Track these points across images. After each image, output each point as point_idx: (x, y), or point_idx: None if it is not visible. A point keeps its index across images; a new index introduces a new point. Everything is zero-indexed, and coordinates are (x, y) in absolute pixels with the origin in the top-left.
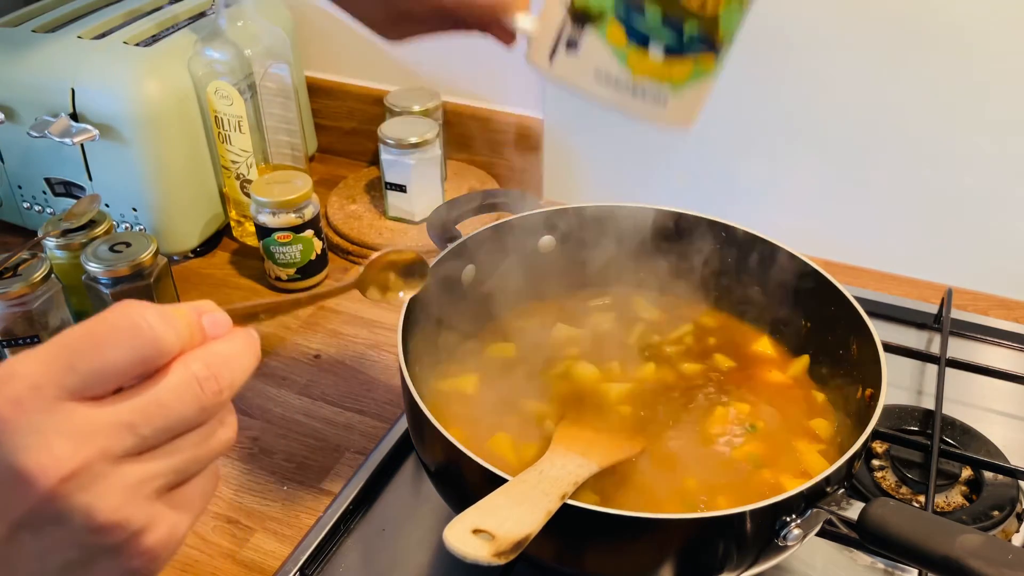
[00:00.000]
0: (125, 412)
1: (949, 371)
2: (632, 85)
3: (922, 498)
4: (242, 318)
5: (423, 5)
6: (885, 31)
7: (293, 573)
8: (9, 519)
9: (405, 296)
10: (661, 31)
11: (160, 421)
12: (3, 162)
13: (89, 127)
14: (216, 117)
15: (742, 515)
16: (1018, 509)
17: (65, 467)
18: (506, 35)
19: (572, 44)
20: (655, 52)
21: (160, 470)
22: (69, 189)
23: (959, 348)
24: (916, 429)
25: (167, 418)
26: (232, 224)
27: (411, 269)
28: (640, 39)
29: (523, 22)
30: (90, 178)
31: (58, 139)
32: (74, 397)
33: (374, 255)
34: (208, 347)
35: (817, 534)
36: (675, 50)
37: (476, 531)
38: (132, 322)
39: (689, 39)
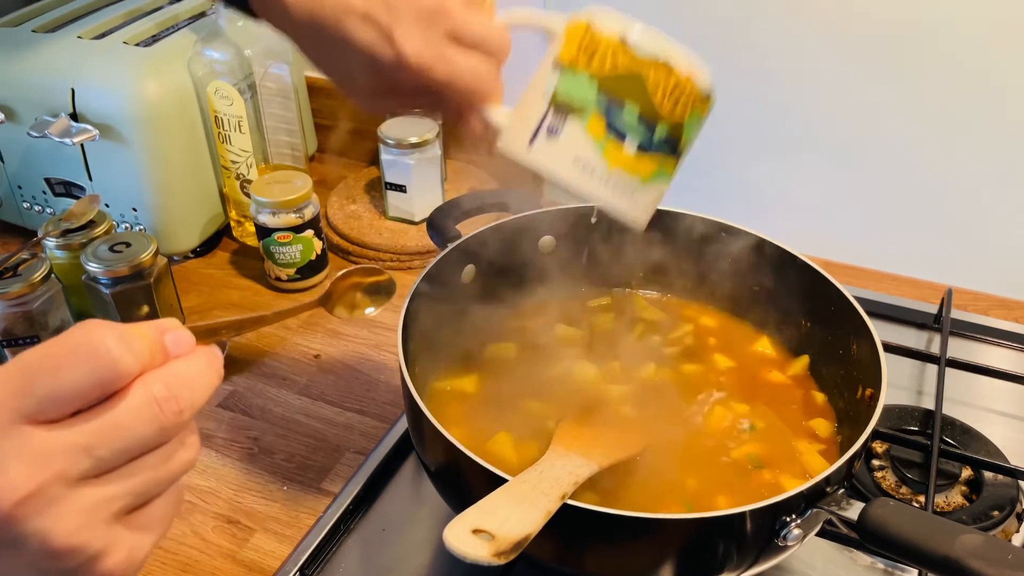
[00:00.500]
0: (82, 434)
1: (949, 371)
2: (606, 175)
3: (922, 498)
4: (205, 335)
5: (413, 79)
6: (886, 33)
7: (293, 573)
8: None
9: (372, 313)
10: (636, 128)
11: (118, 443)
12: (3, 162)
13: (89, 127)
14: (216, 117)
15: (742, 515)
16: (1018, 509)
17: (20, 491)
18: (477, 124)
19: (553, 132)
20: (629, 147)
21: (118, 492)
22: (69, 189)
23: (959, 348)
24: (916, 429)
25: (125, 440)
26: (232, 224)
27: (377, 287)
28: (618, 133)
29: (496, 116)
30: (90, 178)
31: (58, 139)
32: (30, 420)
33: (338, 274)
34: (169, 367)
35: (817, 534)
36: (645, 147)
37: (476, 531)
38: (90, 345)
39: (659, 140)
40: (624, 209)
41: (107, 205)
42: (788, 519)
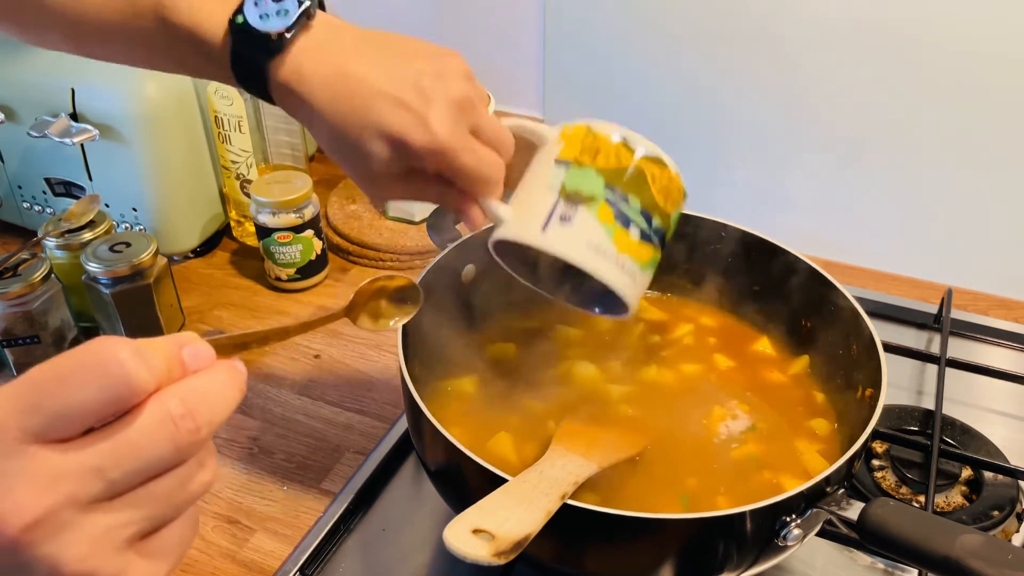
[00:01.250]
0: (93, 455)
1: (949, 371)
2: (616, 258)
3: (922, 498)
4: (227, 349)
5: (436, 164)
6: (886, 32)
7: (293, 573)
8: None
9: (397, 324)
10: (639, 218)
11: (131, 464)
12: (3, 162)
13: (89, 127)
14: (216, 117)
15: (742, 515)
16: (1018, 509)
17: (28, 515)
18: (478, 215)
19: (566, 219)
20: (633, 234)
21: (131, 517)
22: (69, 189)
23: (959, 348)
24: (916, 429)
25: (138, 460)
26: (232, 224)
27: (403, 294)
28: (624, 221)
29: (500, 208)
30: (90, 178)
31: (58, 139)
32: (39, 440)
33: (363, 283)
34: (186, 382)
35: (817, 534)
36: (645, 236)
37: (476, 531)
38: (101, 360)
39: (655, 229)
40: (629, 291)
41: (107, 205)
42: (788, 519)
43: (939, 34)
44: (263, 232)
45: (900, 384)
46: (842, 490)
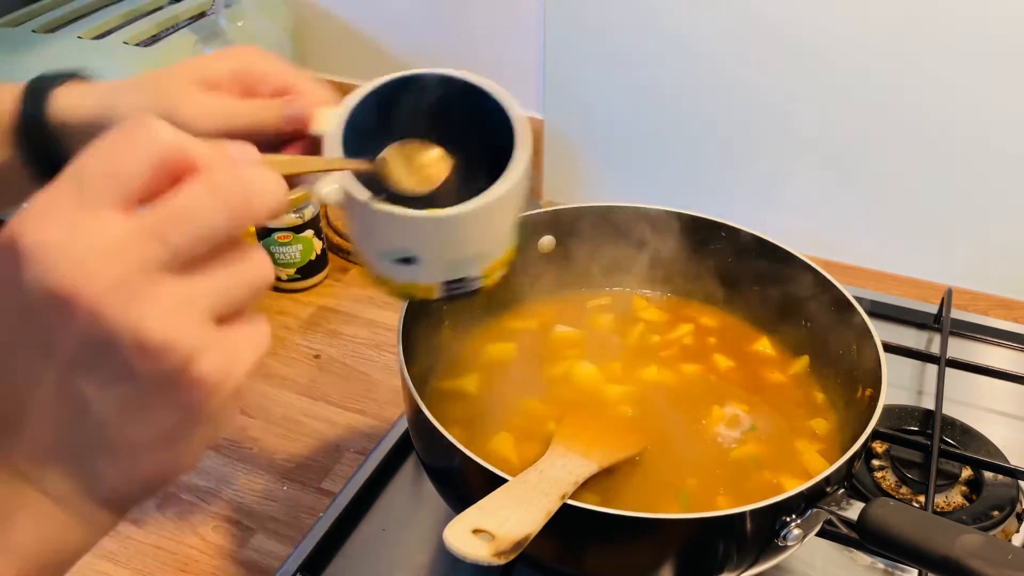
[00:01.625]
0: (151, 220)
1: (949, 371)
2: None
3: (922, 498)
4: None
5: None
6: (886, 31)
7: (293, 573)
8: (61, 358)
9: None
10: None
11: (189, 228)
12: None
13: None
14: None
15: (742, 515)
16: (1018, 509)
17: (101, 281)
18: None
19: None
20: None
21: (201, 290)
22: None
23: (959, 348)
24: (916, 429)
25: (195, 225)
26: None
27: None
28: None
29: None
30: None
31: None
32: (95, 206)
33: (382, 154)
34: (235, 168)
35: (817, 534)
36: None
37: (476, 531)
38: (134, 125)
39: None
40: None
41: None
42: (788, 519)
43: (939, 34)
44: (263, 232)
45: (900, 384)
46: (842, 490)
